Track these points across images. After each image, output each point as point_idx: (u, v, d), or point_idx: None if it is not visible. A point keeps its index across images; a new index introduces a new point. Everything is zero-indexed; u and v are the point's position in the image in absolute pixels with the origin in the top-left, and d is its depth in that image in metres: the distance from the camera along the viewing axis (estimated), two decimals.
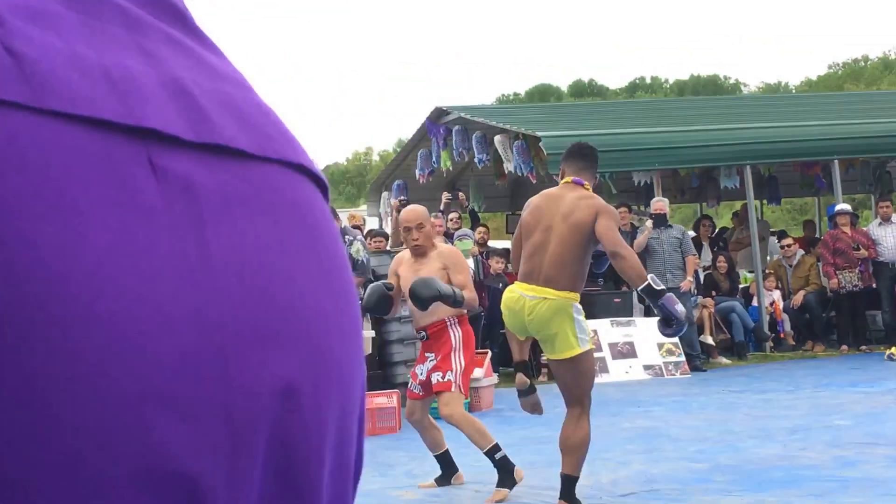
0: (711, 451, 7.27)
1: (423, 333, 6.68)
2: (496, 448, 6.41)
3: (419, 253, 6.67)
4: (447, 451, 6.84)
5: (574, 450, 5.64)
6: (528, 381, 5.99)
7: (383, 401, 9.40)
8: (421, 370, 6.73)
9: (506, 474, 6.36)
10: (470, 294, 6.47)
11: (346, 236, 10.13)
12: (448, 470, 6.85)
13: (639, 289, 5.53)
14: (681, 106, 22.37)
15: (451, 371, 6.50)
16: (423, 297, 6.21)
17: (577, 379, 5.63)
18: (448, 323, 6.61)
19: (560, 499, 5.68)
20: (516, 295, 5.70)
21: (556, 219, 5.64)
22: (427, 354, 6.70)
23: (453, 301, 6.26)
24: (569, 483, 5.67)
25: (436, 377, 6.55)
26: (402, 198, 15.28)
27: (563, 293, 5.53)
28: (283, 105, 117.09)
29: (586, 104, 35.96)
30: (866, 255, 13.60)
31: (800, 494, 5.94)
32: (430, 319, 6.59)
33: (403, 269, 6.72)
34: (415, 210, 6.89)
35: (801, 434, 7.89)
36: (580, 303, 5.69)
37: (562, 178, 5.90)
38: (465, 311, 6.66)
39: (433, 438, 6.79)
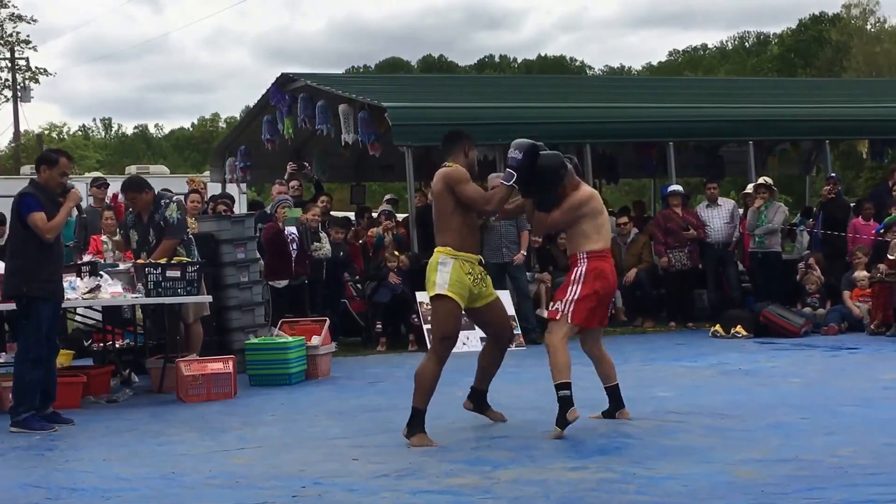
0: (540, 420, 7.47)
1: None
2: (563, 386, 6.94)
3: None
4: (616, 385, 7.53)
5: (415, 382, 7.02)
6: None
7: (219, 366, 9.34)
8: None
9: (561, 412, 6.90)
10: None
11: (163, 200, 10.00)
12: (615, 404, 7.54)
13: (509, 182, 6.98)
14: (525, 83, 22.71)
15: (562, 300, 7.23)
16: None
17: (433, 318, 7.19)
18: (578, 257, 7.31)
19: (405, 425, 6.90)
20: None
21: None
22: None
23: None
24: (413, 414, 6.96)
25: (552, 305, 7.46)
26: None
27: (438, 249, 7.07)
28: (131, 69, 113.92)
29: (433, 77, 36.16)
30: (695, 235, 14.11)
31: (620, 461, 6.19)
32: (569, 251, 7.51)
33: None
34: None
35: (626, 405, 8.17)
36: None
37: None
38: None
39: (604, 371, 7.58)
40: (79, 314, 10.97)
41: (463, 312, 7.13)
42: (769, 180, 14.24)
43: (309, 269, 12.34)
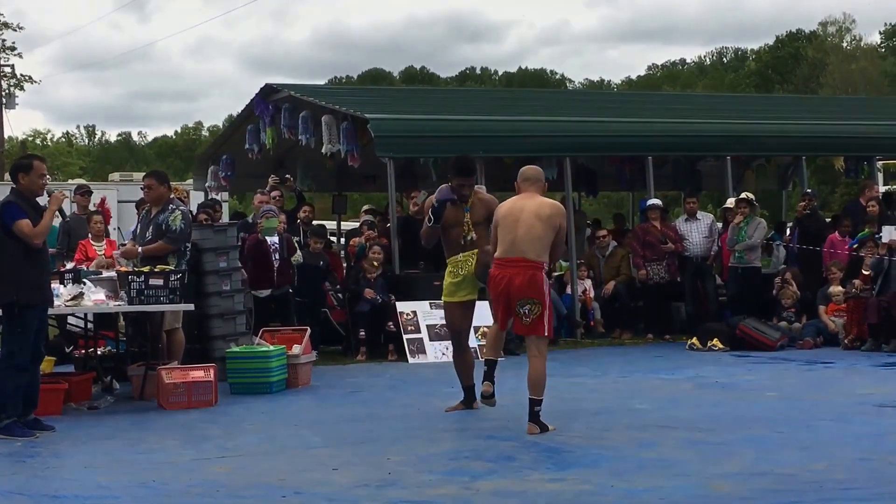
0: (518, 431, 7.54)
1: None
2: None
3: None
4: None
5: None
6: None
7: (200, 374, 9.35)
8: None
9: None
10: None
11: (171, 206, 10.11)
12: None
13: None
14: (506, 97, 22.81)
15: None
16: None
17: None
18: None
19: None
20: None
21: None
22: None
23: None
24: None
25: None
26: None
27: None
28: (117, 77, 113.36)
29: (416, 89, 36.22)
30: (673, 248, 14.21)
31: (598, 473, 6.25)
32: None
33: None
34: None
35: (603, 417, 8.26)
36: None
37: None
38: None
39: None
40: (70, 322, 11.00)
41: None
42: (751, 196, 14.34)
43: (293, 278, 12.40)
